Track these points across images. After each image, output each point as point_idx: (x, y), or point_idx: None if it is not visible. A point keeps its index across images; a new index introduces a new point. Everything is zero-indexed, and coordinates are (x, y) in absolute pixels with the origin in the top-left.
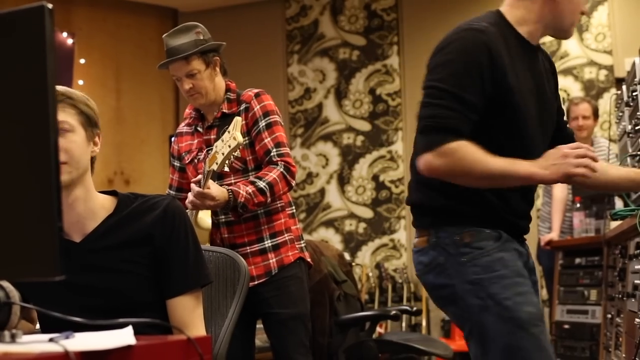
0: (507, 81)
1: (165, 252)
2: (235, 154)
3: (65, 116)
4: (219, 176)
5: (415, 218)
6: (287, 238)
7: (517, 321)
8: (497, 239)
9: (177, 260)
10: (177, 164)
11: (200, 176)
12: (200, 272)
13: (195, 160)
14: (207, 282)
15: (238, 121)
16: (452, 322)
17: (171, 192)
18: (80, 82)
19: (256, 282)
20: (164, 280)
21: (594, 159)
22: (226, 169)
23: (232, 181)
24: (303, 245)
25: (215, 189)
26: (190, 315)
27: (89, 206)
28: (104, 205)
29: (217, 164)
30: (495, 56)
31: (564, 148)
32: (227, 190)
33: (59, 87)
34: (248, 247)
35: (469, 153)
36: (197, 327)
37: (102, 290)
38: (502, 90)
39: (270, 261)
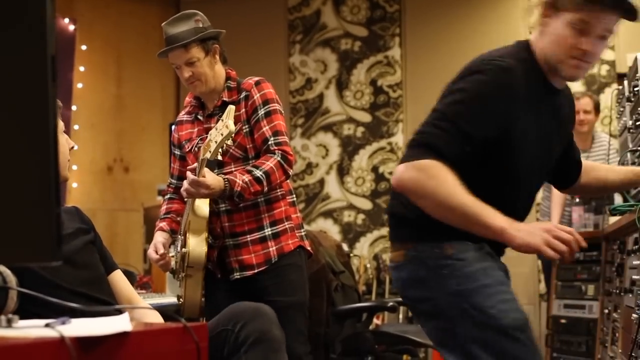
0: (515, 128)
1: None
2: (229, 142)
3: None
4: (218, 164)
5: (392, 230)
6: (287, 226)
7: (504, 329)
8: (478, 250)
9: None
10: (177, 152)
11: (196, 164)
12: None
13: (196, 149)
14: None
15: (231, 109)
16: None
17: (172, 180)
18: (82, 68)
19: (256, 270)
20: (102, 259)
21: (578, 246)
22: (219, 157)
23: (232, 169)
24: (303, 233)
25: (211, 178)
26: (130, 287)
27: None
28: None
29: (210, 152)
30: (511, 101)
31: (553, 225)
32: (224, 179)
33: None
34: (248, 236)
35: (441, 175)
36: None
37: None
38: (507, 136)
39: (270, 249)
